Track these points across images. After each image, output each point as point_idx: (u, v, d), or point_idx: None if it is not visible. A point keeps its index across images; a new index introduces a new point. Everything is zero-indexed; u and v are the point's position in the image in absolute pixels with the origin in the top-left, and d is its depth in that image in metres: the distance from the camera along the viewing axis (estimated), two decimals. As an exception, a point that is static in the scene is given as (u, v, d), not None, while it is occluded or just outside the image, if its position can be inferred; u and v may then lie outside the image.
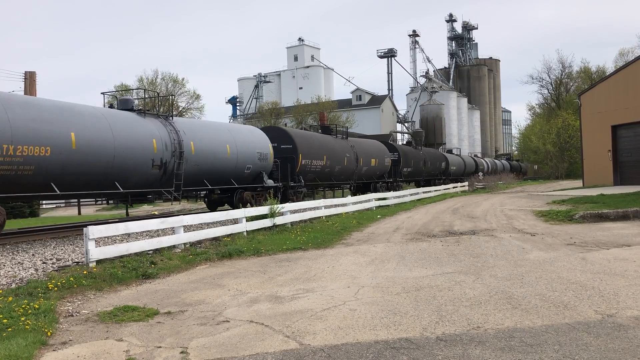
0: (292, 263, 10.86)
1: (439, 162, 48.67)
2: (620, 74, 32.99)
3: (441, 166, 49.17)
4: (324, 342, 5.62)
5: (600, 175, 33.16)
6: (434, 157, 47.88)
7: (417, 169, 42.02)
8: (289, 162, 23.43)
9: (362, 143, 32.05)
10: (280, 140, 23.97)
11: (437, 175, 48.02)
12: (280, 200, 21.16)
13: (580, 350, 5.09)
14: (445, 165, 50.37)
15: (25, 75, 26.21)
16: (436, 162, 47.63)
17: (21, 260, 10.88)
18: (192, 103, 64.17)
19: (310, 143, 25.25)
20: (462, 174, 55.58)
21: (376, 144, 34.71)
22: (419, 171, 42.73)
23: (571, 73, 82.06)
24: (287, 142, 23.94)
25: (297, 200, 23.39)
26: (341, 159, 27.88)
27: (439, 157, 49.66)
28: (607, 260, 9.67)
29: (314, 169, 25.10)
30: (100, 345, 5.85)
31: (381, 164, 33.51)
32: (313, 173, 25.27)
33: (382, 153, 34.22)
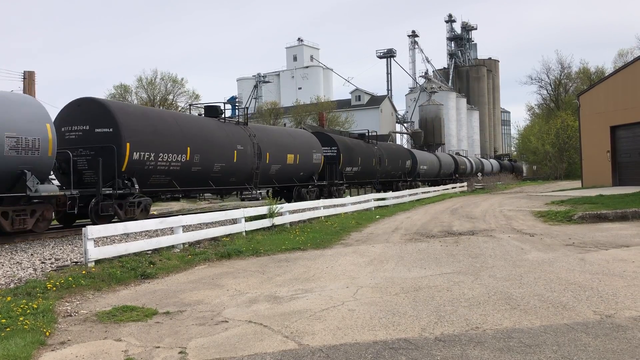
0: (291, 263, 10.86)
1: (401, 161, 38.56)
2: (619, 75, 33.02)
3: (405, 165, 39.24)
4: (323, 343, 5.62)
5: (599, 176, 33.18)
6: (394, 153, 37.78)
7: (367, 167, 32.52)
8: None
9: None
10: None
11: (400, 177, 38.80)
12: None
13: (579, 350, 5.10)
14: (412, 164, 40.85)
15: (24, 75, 26.19)
16: (397, 161, 37.63)
17: (20, 260, 10.87)
18: (191, 103, 64.14)
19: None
20: (436, 175, 47.95)
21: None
22: (372, 171, 33.26)
23: (570, 74, 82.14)
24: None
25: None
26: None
27: (401, 154, 39.56)
28: (606, 260, 9.68)
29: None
30: (99, 345, 5.85)
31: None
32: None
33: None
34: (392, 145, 43.61)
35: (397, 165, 37.30)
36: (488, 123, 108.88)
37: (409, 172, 40.31)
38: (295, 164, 23.97)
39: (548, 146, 69.84)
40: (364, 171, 31.46)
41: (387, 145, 40.07)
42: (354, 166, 29.81)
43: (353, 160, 29.80)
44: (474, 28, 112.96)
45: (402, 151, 41.35)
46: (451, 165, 53.40)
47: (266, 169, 21.85)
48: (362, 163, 30.77)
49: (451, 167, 53.35)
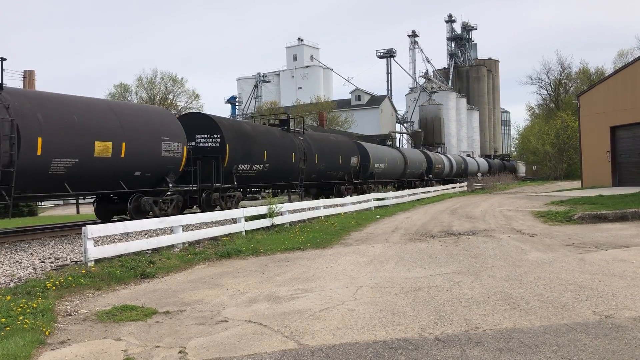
0: (290, 263, 10.86)
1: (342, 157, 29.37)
2: (619, 75, 33.02)
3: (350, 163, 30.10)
4: (323, 342, 5.61)
5: (598, 176, 33.19)
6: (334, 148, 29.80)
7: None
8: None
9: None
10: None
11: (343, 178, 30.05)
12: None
13: (579, 351, 5.09)
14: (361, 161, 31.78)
15: (25, 74, 26.21)
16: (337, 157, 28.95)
17: (19, 259, 10.87)
18: (191, 102, 64.22)
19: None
20: (399, 175, 38.99)
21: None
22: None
23: (570, 74, 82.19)
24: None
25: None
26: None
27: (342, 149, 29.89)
28: (606, 261, 9.68)
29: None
30: (99, 345, 5.84)
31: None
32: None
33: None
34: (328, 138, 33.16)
35: (337, 164, 28.70)
36: (488, 123, 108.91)
37: (356, 173, 31.29)
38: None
39: (548, 146, 69.86)
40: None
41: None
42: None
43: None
44: (474, 28, 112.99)
45: (344, 145, 30.49)
46: (422, 164, 44.05)
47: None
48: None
49: (421, 166, 44.07)
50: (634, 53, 67.33)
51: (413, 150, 46.70)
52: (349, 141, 32.45)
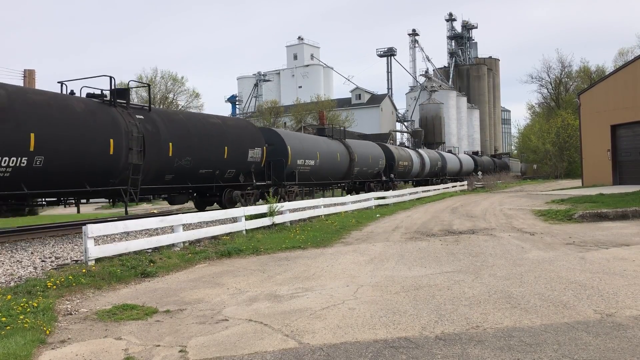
0: (291, 262, 10.85)
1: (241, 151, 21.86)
2: (620, 74, 33.00)
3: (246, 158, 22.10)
4: (323, 341, 5.61)
5: (599, 175, 33.18)
6: None
7: None
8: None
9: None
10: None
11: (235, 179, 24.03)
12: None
13: (580, 349, 5.09)
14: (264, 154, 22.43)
15: (25, 74, 26.19)
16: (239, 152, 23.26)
17: (20, 258, 10.87)
18: (191, 102, 64.22)
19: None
20: (343, 176, 30.30)
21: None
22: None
23: (571, 72, 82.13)
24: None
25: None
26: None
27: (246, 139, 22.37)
28: (606, 259, 9.67)
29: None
30: (99, 344, 5.84)
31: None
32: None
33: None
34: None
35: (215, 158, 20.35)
36: (488, 122, 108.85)
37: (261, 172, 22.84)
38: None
39: (548, 145, 69.82)
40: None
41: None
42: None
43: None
44: (474, 27, 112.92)
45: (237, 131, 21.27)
46: (377, 161, 34.33)
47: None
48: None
49: (377, 163, 34.27)
50: (635, 51, 67.32)
51: (365, 143, 35.26)
52: (249, 126, 22.06)
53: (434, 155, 49.61)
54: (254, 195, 21.42)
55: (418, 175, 43.71)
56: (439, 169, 49.04)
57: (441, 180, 48.76)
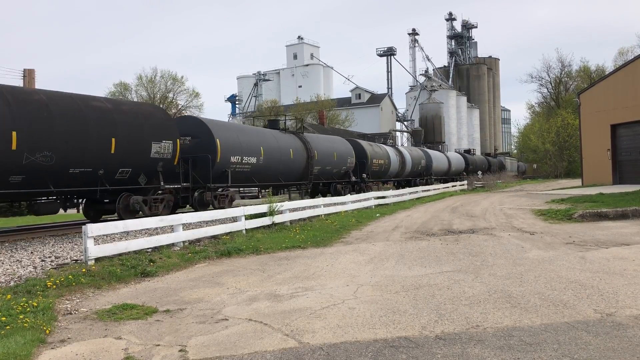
0: (291, 261, 10.85)
1: None
2: (620, 73, 32.99)
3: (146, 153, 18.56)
4: (323, 341, 5.61)
5: (599, 175, 33.18)
6: None
7: None
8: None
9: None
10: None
11: None
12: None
13: (580, 349, 5.09)
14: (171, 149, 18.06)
15: (24, 73, 26.19)
16: None
17: (20, 258, 10.86)
18: (191, 101, 64.20)
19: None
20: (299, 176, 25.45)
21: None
22: None
23: (570, 72, 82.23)
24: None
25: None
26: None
27: None
28: (606, 259, 9.67)
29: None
30: (99, 343, 5.84)
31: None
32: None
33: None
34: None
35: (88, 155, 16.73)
36: (488, 121, 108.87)
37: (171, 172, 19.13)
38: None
39: (548, 144, 69.86)
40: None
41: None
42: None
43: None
44: (474, 26, 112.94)
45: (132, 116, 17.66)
46: (345, 159, 29.52)
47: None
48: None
49: (345, 162, 29.39)
50: (635, 51, 67.37)
51: (330, 138, 30.23)
52: (157, 113, 17.67)
53: (417, 153, 44.62)
54: (164, 202, 17.10)
55: (398, 175, 38.97)
56: (423, 169, 44.41)
57: (425, 180, 44.57)
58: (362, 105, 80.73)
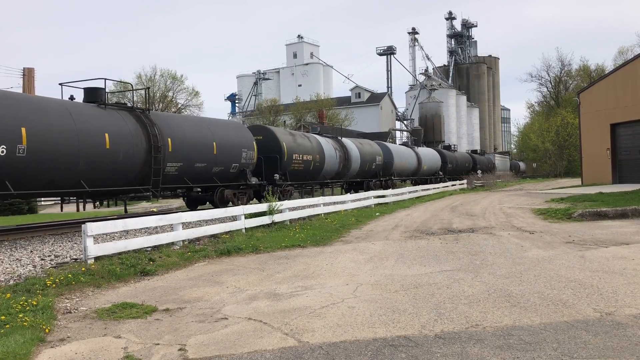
0: (290, 260, 10.85)
1: None
2: (620, 72, 32.98)
3: None
4: (323, 340, 5.61)
5: (599, 174, 33.18)
6: None
7: None
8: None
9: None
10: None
11: None
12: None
13: (579, 348, 5.09)
14: None
15: (24, 72, 26.18)
16: None
17: (19, 256, 10.86)
18: (190, 100, 64.17)
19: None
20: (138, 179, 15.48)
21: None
22: None
23: (570, 71, 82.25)
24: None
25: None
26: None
27: None
28: (606, 258, 9.67)
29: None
30: (98, 342, 5.84)
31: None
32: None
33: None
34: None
35: None
36: (488, 121, 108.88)
37: None
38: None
39: (548, 144, 69.91)
40: None
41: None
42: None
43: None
44: (474, 25, 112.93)
45: None
46: (238, 153, 20.70)
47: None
48: None
49: (238, 156, 20.66)
50: (634, 50, 67.35)
51: (209, 122, 20.72)
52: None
53: (370, 148, 34.26)
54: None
55: (339, 176, 29.97)
56: (379, 168, 34.79)
57: (382, 182, 35.15)
58: (362, 105, 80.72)
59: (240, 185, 21.17)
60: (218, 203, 19.78)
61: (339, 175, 30.25)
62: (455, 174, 52.23)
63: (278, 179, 23.22)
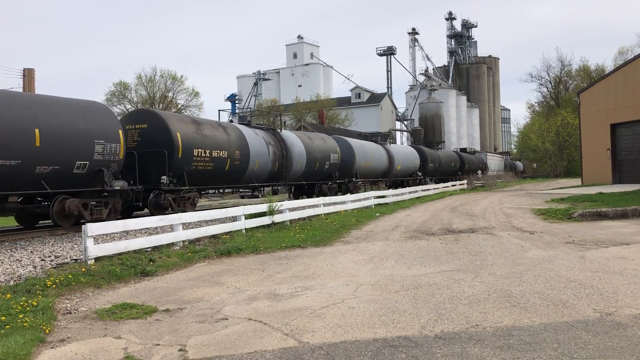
0: (290, 261, 10.85)
1: None
2: (620, 73, 32.98)
3: None
4: (323, 340, 5.61)
5: (599, 174, 33.18)
6: None
7: None
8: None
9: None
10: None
11: None
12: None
13: (579, 348, 5.09)
14: None
15: (24, 72, 26.16)
16: None
17: (19, 257, 10.86)
18: (190, 100, 64.20)
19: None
20: None
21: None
22: None
23: (570, 71, 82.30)
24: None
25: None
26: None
27: None
28: (606, 258, 9.67)
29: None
30: (99, 343, 5.84)
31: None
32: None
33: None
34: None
35: None
36: (488, 121, 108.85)
37: None
38: None
39: (548, 144, 69.93)
40: None
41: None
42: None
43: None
44: (474, 25, 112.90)
45: None
46: (82, 146, 14.35)
47: None
48: None
49: (81, 150, 14.29)
50: (634, 50, 67.39)
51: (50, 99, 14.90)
52: None
53: (323, 144, 27.77)
54: None
55: (272, 178, 23.47)
56: (334, 168, 28.13)
57: (341, 185, 28.93)
58: (362, 105, 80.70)
59: (96, 192, 15.34)
60: (55, 219, 14.30)
61: (272, 177, 23.60)
62: (439, 175, 46.62)
63: (166, 183, 17.07)
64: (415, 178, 41.15)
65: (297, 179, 25.52)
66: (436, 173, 46.06)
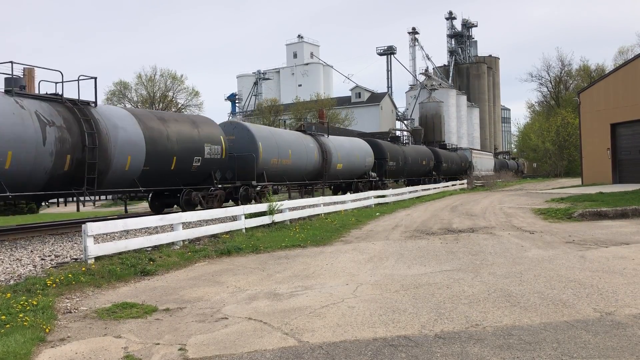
0: (290, 260, 10.85)
1: None
2: (620, 72, 32.97)
3: None
4: (323, 340, 5.61)
5: (599, 174, 33.16)
6: None
7: None
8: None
9: None
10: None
11: None
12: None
13: (579, 348, 5.09)
14: None
15: (24, 72, 26.13)
16: None
17: (19, 256, 10.86)
18: (190, 100, 64.19)
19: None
20: None
21: None
22: None
23: (570, 71, 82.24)
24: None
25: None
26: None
27: None
28: (606, 258, 9.67)
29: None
30: (99, 342, 5.84)
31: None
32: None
33: None
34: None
35: None
36: (488, 120, 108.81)
37: None
38: None
39: (548, 144, 69.91)
40: None
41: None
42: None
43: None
44: (474, 25, 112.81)
45: None
46: None
47: None
48: None
49: None
50: (635, 50, 67.38)
51: None
52: None
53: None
54: None
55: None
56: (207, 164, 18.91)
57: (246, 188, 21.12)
58: (362, 104, 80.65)
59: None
60: None
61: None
62: (403, 175, 37.56)
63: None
64: (369, 179, 32.14)
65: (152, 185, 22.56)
66: (400, 173, 36.87)
